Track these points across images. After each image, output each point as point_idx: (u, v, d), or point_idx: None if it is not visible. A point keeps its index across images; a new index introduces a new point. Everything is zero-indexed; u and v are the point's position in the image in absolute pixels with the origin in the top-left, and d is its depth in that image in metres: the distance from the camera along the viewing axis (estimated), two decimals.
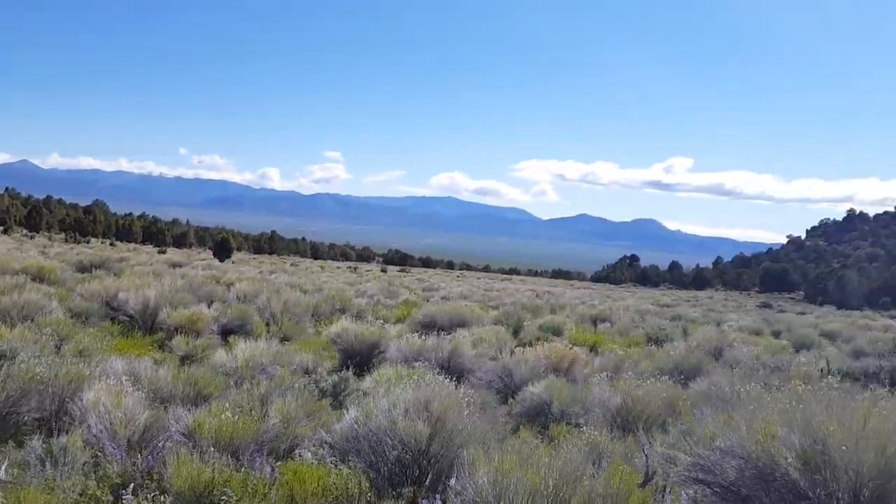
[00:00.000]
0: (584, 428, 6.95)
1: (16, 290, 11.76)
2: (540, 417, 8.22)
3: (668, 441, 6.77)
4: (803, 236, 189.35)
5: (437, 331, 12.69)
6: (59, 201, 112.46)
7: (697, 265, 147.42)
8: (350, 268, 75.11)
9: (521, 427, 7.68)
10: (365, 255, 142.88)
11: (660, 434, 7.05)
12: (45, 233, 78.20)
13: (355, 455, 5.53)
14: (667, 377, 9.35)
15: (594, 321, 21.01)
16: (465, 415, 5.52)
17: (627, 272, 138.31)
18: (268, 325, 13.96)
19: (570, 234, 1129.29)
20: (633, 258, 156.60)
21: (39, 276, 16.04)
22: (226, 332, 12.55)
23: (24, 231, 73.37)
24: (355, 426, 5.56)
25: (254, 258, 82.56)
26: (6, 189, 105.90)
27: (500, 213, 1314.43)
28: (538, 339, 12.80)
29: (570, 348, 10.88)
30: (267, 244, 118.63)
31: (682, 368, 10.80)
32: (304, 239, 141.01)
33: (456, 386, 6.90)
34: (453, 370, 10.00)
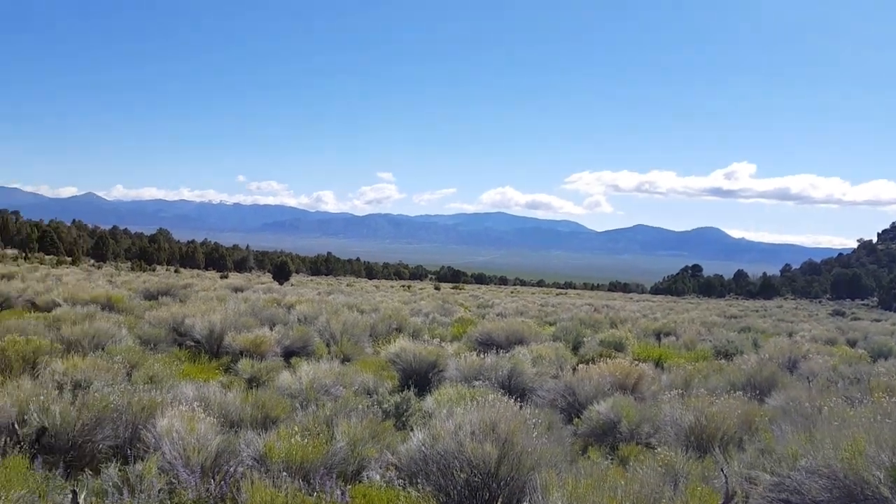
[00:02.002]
0: (657, 448, 6.72)
1: (87, 320, 12.15)
2: (608, 437, 8.00)
3: (746, 460, 6.51)
4: (875, 240, 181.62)
5: (495, 348, 12.57)
6: (125, 231, 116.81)
7: (764, 274, 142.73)
8: (404, 286, 75.57)
9: (590, 448, 7.49)
10: (418, 274, 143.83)
11: (737, 453, 6.78)
12: (112, 262, 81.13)
13: (423, 478, 5.47)
14: (740, 392, 9.00)
15: (658, 335, 20.47)
16: (534, 436, 5.39)
17: (690, 283, 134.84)
18: (328, 345, 14.08)
19: (627, 246, 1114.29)
20: (696, 268, 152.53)
21: (108, 305, 16.55)
22: (288, 354, 12.70)
23: (92, 261, 76.29)
24: (423, 448, 5.50)
25: (311, 280, 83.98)
26: (73, 221, 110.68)
27: (553, 227, 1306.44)
28: (600, 355, 12.52)
29: (635, 364, 10.59)
30: (323, 265, 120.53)
31: (756, 382, 10.39)
32: (358, 259, 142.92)
33: (519, 405, 6.79)
34: (514, 389, 9.85)
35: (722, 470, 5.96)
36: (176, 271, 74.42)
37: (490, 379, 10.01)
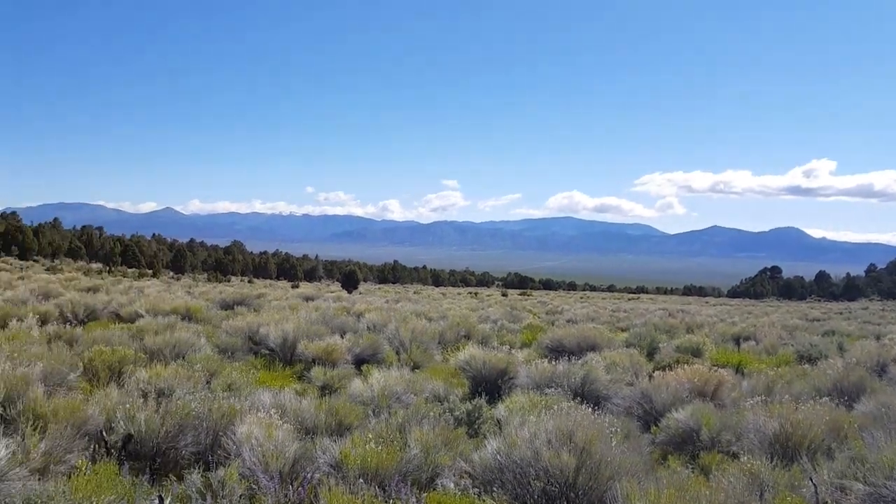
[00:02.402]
0: (740, 456, 6.46)
1: (168, 330, 12.64)
2: (687, 446, 7.75)
3: (836, 469, 6.20)
4: None
5: (566, 355, 12.38)
6: (201, 244, 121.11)
7: (848, 274, 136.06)
8: (471, 293, 75.56)
9: (669, 456, 7.27)
10: (484, 280, 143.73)
11: (825, 461, 6.46)
12: (190, 274, 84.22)
13: (499, 486, 5.41)
14: (826, 398, 8.59)
15: (736, 340, 19.78)
16: (612, 445, 5.26)
17: (769, 285, 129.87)
18: (398, 353, 14.19)
19: (702, 248, 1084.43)
20: (775, 270, 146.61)
21: (188, 316, 17.15)
22: (359, 362, 12.86)
23: (171, 273, 79.43)
24: (497, 456, 5.44)
25: (379, 288, 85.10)
26: (153, 235, 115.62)
27: (623, 230, 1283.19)
28: (676, 361, 12.16)
29: (714, 370, 10.24)
30: (390, 273, 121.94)
31: (843, 388, 9.90)
32: (424, 267, 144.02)
33: (594, 413, 6.65)
34: (587, 396, 9.67)
35: (811, 479, 5.69)
36: (249, 282, 76.75)
37: (562, 386, 9.85)
